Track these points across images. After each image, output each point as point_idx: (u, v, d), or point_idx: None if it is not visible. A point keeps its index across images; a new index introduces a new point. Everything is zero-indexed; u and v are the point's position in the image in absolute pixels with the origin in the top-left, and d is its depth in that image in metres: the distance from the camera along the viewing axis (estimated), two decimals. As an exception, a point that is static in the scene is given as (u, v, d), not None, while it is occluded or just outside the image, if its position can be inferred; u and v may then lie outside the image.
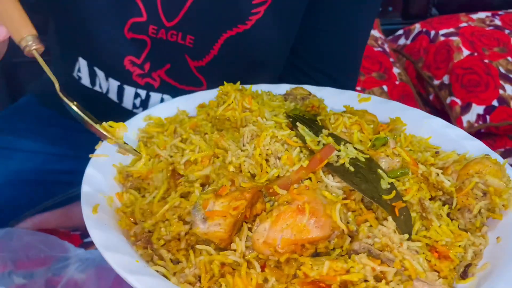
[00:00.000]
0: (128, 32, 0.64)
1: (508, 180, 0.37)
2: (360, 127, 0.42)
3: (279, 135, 0.38)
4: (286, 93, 0.52)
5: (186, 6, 0.62)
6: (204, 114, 0.46)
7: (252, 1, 0.61)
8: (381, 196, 0.34)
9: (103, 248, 0.31)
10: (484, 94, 1.10)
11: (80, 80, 0.72)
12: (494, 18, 1.27)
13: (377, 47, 1.21)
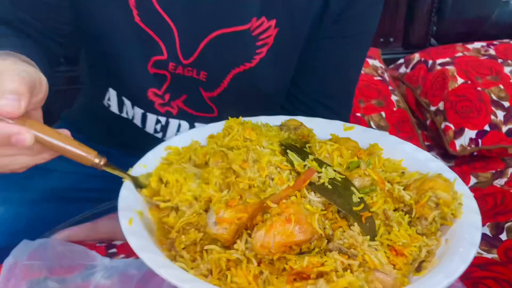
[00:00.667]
0: (151, 68, 0.73)
1: (454, 194, 0.47)
2: (340, 153, 0.51)
3: (273, 160, 0.48)
4: (282, 124, 0.62)
5: (200, 47, 0.71)
6: (213, 143, 0.56)
7: (256, 43, 0.71)
8: (352, 208, 0.44)
9: (138, 249, 0.41)
10: (477, 120, 1.18)
11: (110, 108, 0.81)
12: (489, 48, 1.35)
13: (377, 76, 1.30)
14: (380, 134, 0.62)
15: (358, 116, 1.22)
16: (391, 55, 1.46)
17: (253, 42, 0.70)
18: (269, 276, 0.40)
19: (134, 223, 0.43)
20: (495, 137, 1.17)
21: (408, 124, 1.24)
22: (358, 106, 1.23)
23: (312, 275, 0.39)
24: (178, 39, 0.70)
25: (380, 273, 0.38)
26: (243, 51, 0.71)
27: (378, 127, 1.21)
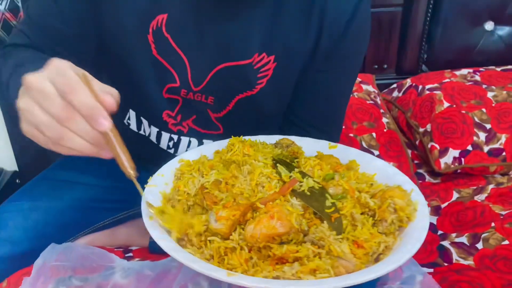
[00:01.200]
0: (165, 93, 0.81)
1: (409, 201, 0.58)
2: (320, 167, 0.63)
3: (265, 172, 0.60)
4: (276, 142, 0.73)
5: (209, 77, 0.79)
6: (218, 157, 0.68)
7: (257, 75, 0.79)
8: (324, 210, 0.55)
9: (157, 238, 0.52)
10: (460, 140, 1.28)
11: (129, 126, 0.89)
12: (475, 74, 1.44)
13: (370, 100, 1.41)
14: (358, 153, 0.73)
15: (351, 136, 1.32)
16: (385, 80, 1.57)
17: (254, 74, 0.79)
18: (257, 261, 0.51)
19: (154, 219, 0.55)
20: (477, 157, 1.27)
21: (398, 144, 1.34)
22: (351, 127, 1.34)
23: (290, 260, 0.50)
24: (189, 70, 0.78)
25: (343, 260, 0.49)
26: (246, 81, 0.80)
27: (369, 147, 1.31)
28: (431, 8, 1.47)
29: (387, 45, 1.52)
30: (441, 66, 1.51)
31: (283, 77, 0.81)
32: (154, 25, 0.75)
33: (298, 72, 0.82)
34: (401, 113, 1.46)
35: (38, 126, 0.49)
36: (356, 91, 1.43)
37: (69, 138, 0.49)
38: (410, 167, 1.31)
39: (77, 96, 0.48)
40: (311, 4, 0.76)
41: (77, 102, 0.48)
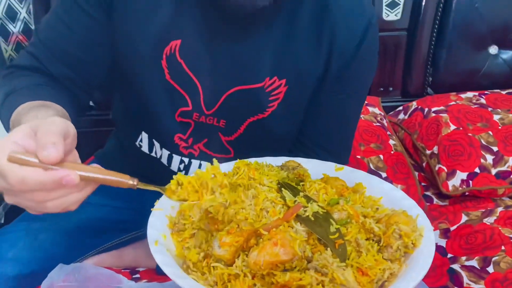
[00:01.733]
0: (178, 117, 0.83)
1: (414, 227, 0.58)
2: (325, 191, 0.63)
3: (269, 197, 0.60)
4: (282, 164, 0.73)
5: (221, 101, 0.81)
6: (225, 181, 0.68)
7: (269, 98, 0.81)
8: (329, 236, 0.55)
9: (161, 264, 0.52)
10: (467, 163, 1.27)
11: (141, 148, 0.90)
12: (480, 97, 1.45)
13: (376, 122, 1.42)
14: (364, 175, 0.73)
15: (359, 158, 1.32)
16: (391, 103, 1.58)
17: (266, 97, 0.80)
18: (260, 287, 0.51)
19: (159, 244, 0.55)
20: (485, 179, 1.26)
21: (405, 166, 1.34)
22: (359, 149, 1.34)
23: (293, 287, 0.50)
24: (202, 94, 0.80)
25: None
26: (257, 104, 0.81)
27: (377, 169, 1.31)
28: (435, 32, 1.48)
29: (392, 68, 1.53)
30: (447, 89, 1.52)
31: (294, 100, 0.82)
32: (168, 51, 0.77)
33: (309, 95, 0.83)
34: (407, 135, 1.46)
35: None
36: (363, 113, 1.44)
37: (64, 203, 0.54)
38: (418, 189, 1.31)
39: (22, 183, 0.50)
40: (321, 28, 0.78)
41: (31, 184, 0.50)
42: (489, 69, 1.52)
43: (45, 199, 0.52)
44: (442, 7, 1.46)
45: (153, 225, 0.58)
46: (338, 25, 0.77)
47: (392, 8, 1.46)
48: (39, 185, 0.50)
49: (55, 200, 0.52)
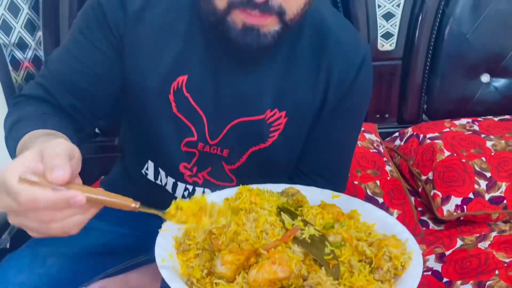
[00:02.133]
0: (183, 146, 0.86)
1: (404, 250, 0.61)
2: (322, 216, 0.67)
3: (269, 220, 0.64)
4: (282, 191, 0.77)
5: (224, 131, 0.84)
6: (227, 204, 0.71)
7: (270, 129, 0.84)
8: (323, 257, 0.59)
9: (168, 279, 0.56)
10: (461, 188, 1.30)
11: (147, 176, 0.93)
12: (474, 124, 1.49)
13: (373, 149, 1.46)
14: (360, 203, 0.77)
15: (356, 184, 1.36)
16: (388, 129, 1.62)
17: (267, 128, 0.84)
18: (260, 303, 0.55)
19: (166, 262, 0.59)
20: (479, 204, 1.29)
21: (401, 192, 1.37)
22: (356, 175, 1.38)
23: (290, 303, 0.53)
24: (207, 125, 0.83)
25: (340, 304, 0.53)
26: (259, 135, 0.85)
27: (374, 194, 1.35)
28: (429, 62, 1.54)
29: (388, 96, 1.59)
30: (441, 116, 1.56)
31: (294, 130, 0.86)
32: (175, 85, 0.81)
33: (308, 126, 0.87)
34: (403, 161, 1.50)
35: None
36: (360, 140, 1.48)
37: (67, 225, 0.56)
38: (414, 214, 1.34)
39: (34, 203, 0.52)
40: (319, 63, 0.82)
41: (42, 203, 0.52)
42: (481, 96, 1.57)
43: (51, 219, 0.54)
44: (434, 38, 1.52)
45: (160, 245, 0.62)
46: (335, 60, 0.82)
47: (387, 39, 1.53)
48: (48, 204, 0.52)
49: (60, 221, 0.54)
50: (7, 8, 1.35)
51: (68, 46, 0.83)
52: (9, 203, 0.53)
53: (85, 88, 0.81)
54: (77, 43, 0.81)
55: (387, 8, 1.50)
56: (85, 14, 0.81)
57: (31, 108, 0.79)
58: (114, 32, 0.79)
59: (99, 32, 0.79)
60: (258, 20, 0.69)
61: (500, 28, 1.51)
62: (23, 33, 1.40)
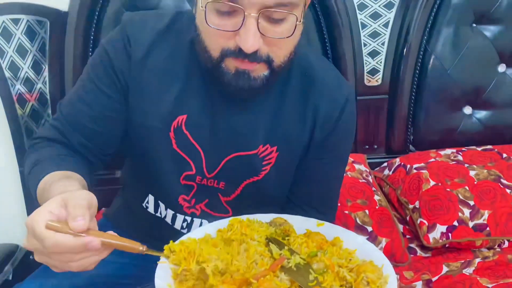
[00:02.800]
0: (182, 180, 0.91)
1: (380, 275, 0.68)
2: (306, 245, 0.74)
3: (259, 250, 0.70)
4: (270, 221, 0.83)
5: (221, 165, 0.91)
6: (220, 236, 0.78)
7: (262, 163, 0.91)
8: (308, 283, 0.65)
9: None
10: (446, 216, 1.37)
11: (147, 209, 0.98)
12: (458, 154, 1.57)
13: (362, 179, 1.52)
14: (342, 230, 0.83)
15: (346, 213, 1.41)
16: (376, 159, 1.69)
17: (260, 162, 0.90)
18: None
19: None
20: (463, 232, 1.35)
21: (389, 220, 1.42)
22: (346, 204, 1.44)
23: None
24: (204, 160, 0.90)
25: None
26: (252, 168, 0.91)
27: (363, 223, 1.40)
28: (414, 95, 1.63)
29: (376, 128, 1.66)
30: (427, 146, 1.64)
31: (285, 164, 0.92)
32: (175, 124, 0.88)
33: (297, 160, 0.93)
34: (392, 190, 1.56)
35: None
36: (349, 170, 1.55)
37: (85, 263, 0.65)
38: (402, 242, 1.39)
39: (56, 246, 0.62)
40: (306, 104, 0.90)
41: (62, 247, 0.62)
42: (464, 127, 1.66)
43: (71, 260, 0.63)
44: (418, 73, 1.61)
45: (159, 276, 0.68)
46: (321, 101, 0.89)
47: (373, 75, 1.62)
48: (69, 249, 0.62)
49: (78, 261, 0.64)
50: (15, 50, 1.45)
51: (78, 92, 0.90)
52: (36, 245, 0.62)
53: (94, 129, 0.89)
54: (87, 90, 0.89)
55: (373, 46, 1.60)
56: (94, 63, 0.89)
57: (48, 149, 0.87)
58: (120, 78, 0.87)
59: (106, 79, 0.87)
60: (248, 66, 0.76)
61: (479, 63, 1.61)
62: (29, 72, 1.49)
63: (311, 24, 1.55)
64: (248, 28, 0.71)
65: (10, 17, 1.41)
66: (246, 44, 0.72)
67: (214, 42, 0.77)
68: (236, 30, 0.73)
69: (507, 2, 1.56)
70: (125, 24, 0.88)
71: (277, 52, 0.78)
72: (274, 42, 0.75)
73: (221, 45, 0.76)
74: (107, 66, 0.87)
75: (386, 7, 1.57)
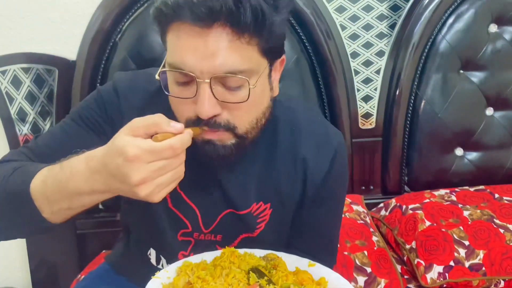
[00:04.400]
0: (180, 236, 0.93)
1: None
2: (285, 278, 0.78)
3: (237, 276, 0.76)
4: (264, 256, 0.87)
5: (216, 221, 0.93)
6: (213, 262, 0.83)
7: (257, 220, 0.93)
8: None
9: None
10: (442, 256, 1.38)
11: (150, 260, 1.00)
12: (451, 194, 1.59)
13: (360, 220, 1.55)
14: (328, 272, 0.87)
15: (346, 254, 1.43)
16: (373, 200, 1.72)
17: (254, 220, 0.92)
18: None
19: None
20: (459, 271, 1.36)
21: (387, 261, 1.43)
22: (345, 245, 1.46)
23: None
24: (200, 217, 0.92)
25: None
26: (247, 226, 0.92)
27: (362, 264, 1.42)
28: (407, 138, 1.69)
29: (371, 169, 1.71)
30: (421, 187, 1.68)
31: (279, 220, 0.94)
32: None
33: (291, 214, 0.94)
34: (389, 231, 1.58)
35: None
36: (347, 212, 1.58)
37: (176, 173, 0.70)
38: (400, 283, 1.40)
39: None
40: (295, 158, 0.91)
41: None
42: (457, 168, 1.70)
43: (171, 165, 0.66)
44: (410, 117, 1.68)
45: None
46: (309, 155, 0.90)
47: (367, 118, 1.69)
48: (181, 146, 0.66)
49: (174, 168, 0.67)
50: (24, 97, 1.52)
51: (63, 126, 0.89)
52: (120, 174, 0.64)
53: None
54: (74, 125, 0.88)
55: (366, 91, 1.68)
56: (87, 105, 0.90)
57: (21, 162, 0.81)
58: (111, 126, 0.86)
59: (100, 118, 0.88)
60: (211, 135, 0.77)
61: (468, 107, 1.67)
62: (37, 118, 1.55)
63: (307, 72, 1.63)
64: (201, 93, 0.72)
65: (21, 66, 1.49)
66: (201, 109, 0.72)
67: (178, 112, 0.78)
68: (192, 97, 0.73)
69: (491, 49, 1.65)
70: (116, 85, 0.90)
71: (240, 118, 0.77)
72: (234, 107, 0.75)
73: (184, 114, 0.77)
74: (101, 108, 0.88)
75: (378, 55, 1.67)
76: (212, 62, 0.71)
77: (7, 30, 1.51)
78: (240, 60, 0.72)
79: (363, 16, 1.64)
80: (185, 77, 0.74)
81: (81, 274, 1.43)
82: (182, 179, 0.73)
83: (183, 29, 0.71)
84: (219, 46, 0.71)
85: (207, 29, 0.70)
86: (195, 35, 0.70)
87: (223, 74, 0.72)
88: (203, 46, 0.71)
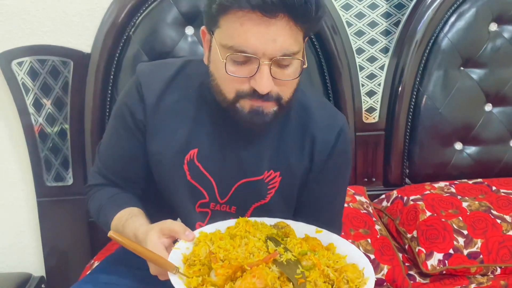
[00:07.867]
0: (197, 207, 1.01)
1: (359, 275, 0.77)
2: (300, 245, 0.82)
3: (257, 245, 0.80)
4: (274, 224, 0.92)
5: (231, 191, 1.00)
6: (228, 231, 0.87)
7: (268, 187, 1.00)
8: (295, 276, 0.73)
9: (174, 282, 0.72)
10: (442, 245, 1.42)
11: None
12: (451, 186, 1.63)
13: (363, 210, 1.58)
14: (336, 238, 0.92)
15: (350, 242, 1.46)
16: (375, 192, 1.76)
17: (265, 186, 0.99)
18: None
19: None
20: (458, 259, 1.40)
21: (390, 249, 1.47)
22: (350, 234, 1.48)
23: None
24: (216, 188, 0.99)
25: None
26: (259, 193, 1.00)
27: (366, 251, 1.44)
28: (408, 132, 1.72)
29: (374, 162, 1.75)
30: (422, 179, 1.71)
31: (288, 187, 1.02)
32: (188, 157, 0.98)
33: (299, 183, 1.02)
34: (390, 221, 1.62)
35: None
36: (351, 202, 1.61)
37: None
38: (402, 269, 1.43)
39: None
40: (304, 135, 0.99)
41: None
42: (456, 162, 1.74)
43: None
44: (412, 112, 1.72)
45: (172, 258, 0.79)
46: (317, 132, 0.99)
47: (370, 113, 1.73)
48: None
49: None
50: (40, 88, 1.58)
51: (111, 141, 1.06)
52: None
53: (127, 167, 1.04)
54: (116, 138, 1.04)
55: (370, 87, 1.72)
56: (117, 115, 1.03)
57: (103, 193, 1.05)
58: (140, 122, 0.99)
59: (132, 124, 1.00)
60: (262, 104, 0.86)
61: (467, 103, 1.71)
62: (52, 108, 1.61)
63: (314, 66, 1.68)
64: (262, 74, 0.82)
65: (37, 58, 1.55)
66: (261, 87, 0.83)
67: (230, 86, 0.86)
68: (251, 76, 0.83)
69: (491, 47, 1.69)
70: (138, 74, 1.00)
71: (285, 91, 0.88)
72: (283, 83, 0.86)
73: (236, 88, 0.86)
74: (128, 116, 1.00)
75: (382, 51, 1.71)
76: (273, 46, 0.81)
77: (23, 23, 1.56)
78: (294, 43, 0.83)
79: (369, 14, 1.69)
80: (245, 58, 0.83)
81: (94, 260, 1.48)
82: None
83: (248, 16, 0.80)
84: (280, 33, 0.81)
85: (272, 18, 0.79)
86: (261, 23, 0.79)
87: (281, 57, 0.82)
88: (266, 33, 0.80)
